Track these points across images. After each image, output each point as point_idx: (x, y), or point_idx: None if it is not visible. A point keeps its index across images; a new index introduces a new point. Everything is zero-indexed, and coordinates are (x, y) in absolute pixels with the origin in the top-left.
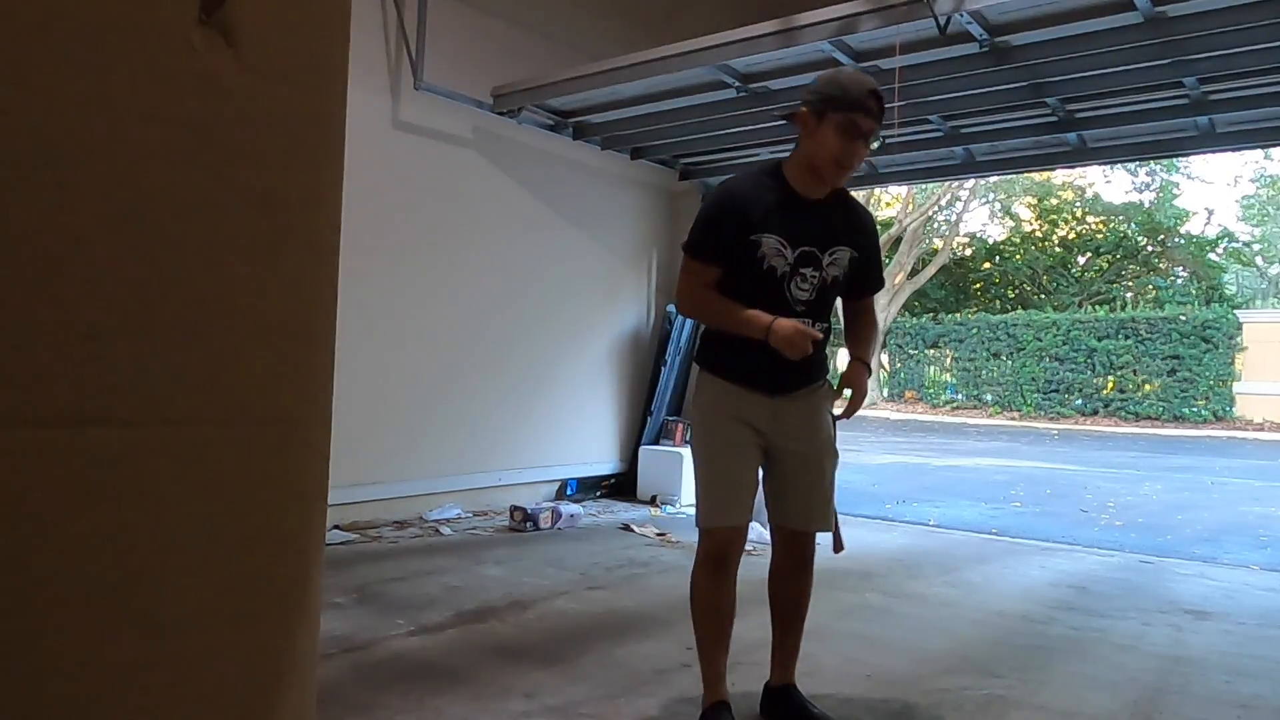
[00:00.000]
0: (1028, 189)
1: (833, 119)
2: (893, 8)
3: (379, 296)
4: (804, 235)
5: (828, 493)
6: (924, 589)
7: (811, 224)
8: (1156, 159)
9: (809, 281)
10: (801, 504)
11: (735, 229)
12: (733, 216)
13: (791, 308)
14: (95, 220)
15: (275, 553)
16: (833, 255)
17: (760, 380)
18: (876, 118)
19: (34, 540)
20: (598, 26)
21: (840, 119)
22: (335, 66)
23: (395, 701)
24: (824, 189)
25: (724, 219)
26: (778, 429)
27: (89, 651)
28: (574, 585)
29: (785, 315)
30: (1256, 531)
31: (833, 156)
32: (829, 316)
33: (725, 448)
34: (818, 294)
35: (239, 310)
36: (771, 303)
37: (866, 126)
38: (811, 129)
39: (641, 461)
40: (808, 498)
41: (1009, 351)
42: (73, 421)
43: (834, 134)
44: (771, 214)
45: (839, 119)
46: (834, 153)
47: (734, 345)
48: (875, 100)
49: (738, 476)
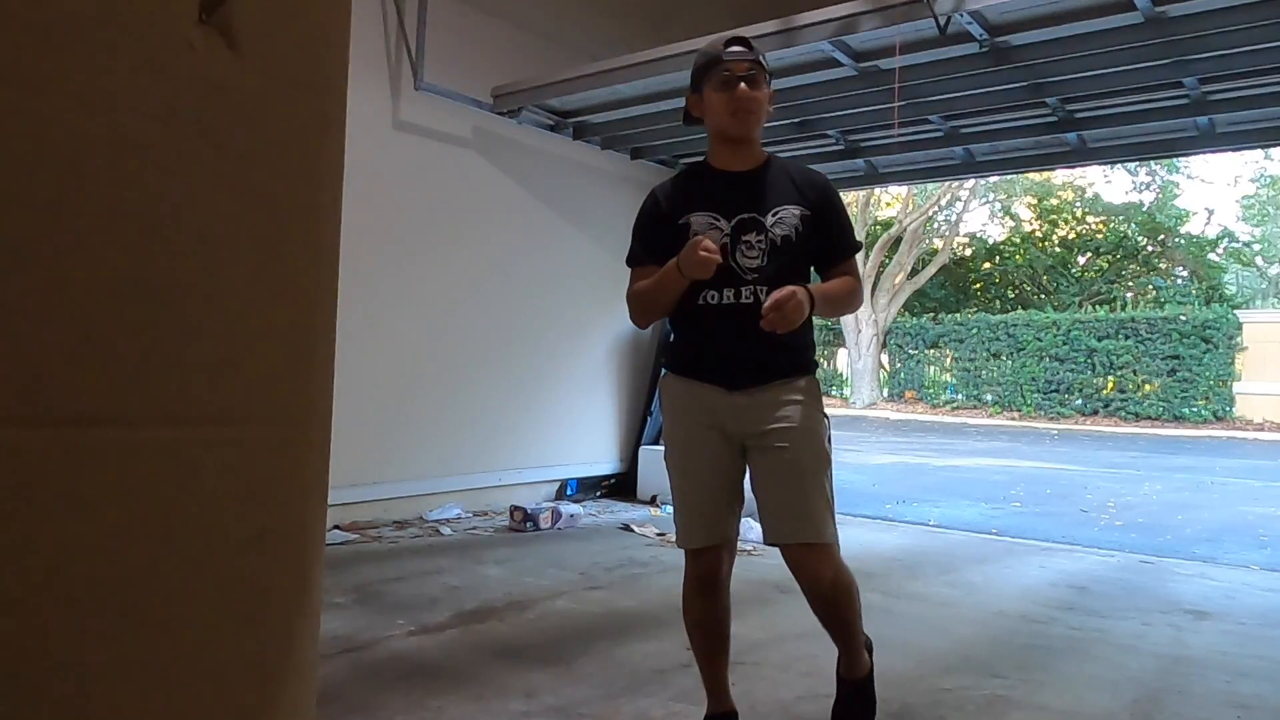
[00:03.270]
0: (1028, 189)
1: (709, 84)
2: (893, 8)
3: (379, 296)
4: (739, 205)
5: (810, 495)
6: (924, 589)
7: (745, 192)
8: (1156, 159)
9: (755, 248)
10: (778, 511)
11: (661, 222)
12: (656, 212)
13: (741, 277)
14: (95, 220)
15: (275, 553)
16: (776, 215)
17: (716, 371)
18: (745, 58)
19: (34, 540)
20: (598, 26)
21: (712, 78)
22: (335, 66)
23: (395, 701)
24: (748, 155)
25: (648, 219)
26: (744, 427)
27: (88, 651)
28: (574, 585)
29: (734, 284)
30: (1256, 531)
31: (725, 110)
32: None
33: (694, 458)
34: (769, 258)
35: (239, 310)
36: (718, 277)
37: (739, 69)
38: (703, 107)
39: (641, 461)
40: (784, 503)
41: (1009, 351)
42: (73, 421)
43: (715, 94)
44: (695, 195)
45: (712, 79)
46: (723, 107)
47: (687, 336)
48: (735, 43)
49: (709, 487)
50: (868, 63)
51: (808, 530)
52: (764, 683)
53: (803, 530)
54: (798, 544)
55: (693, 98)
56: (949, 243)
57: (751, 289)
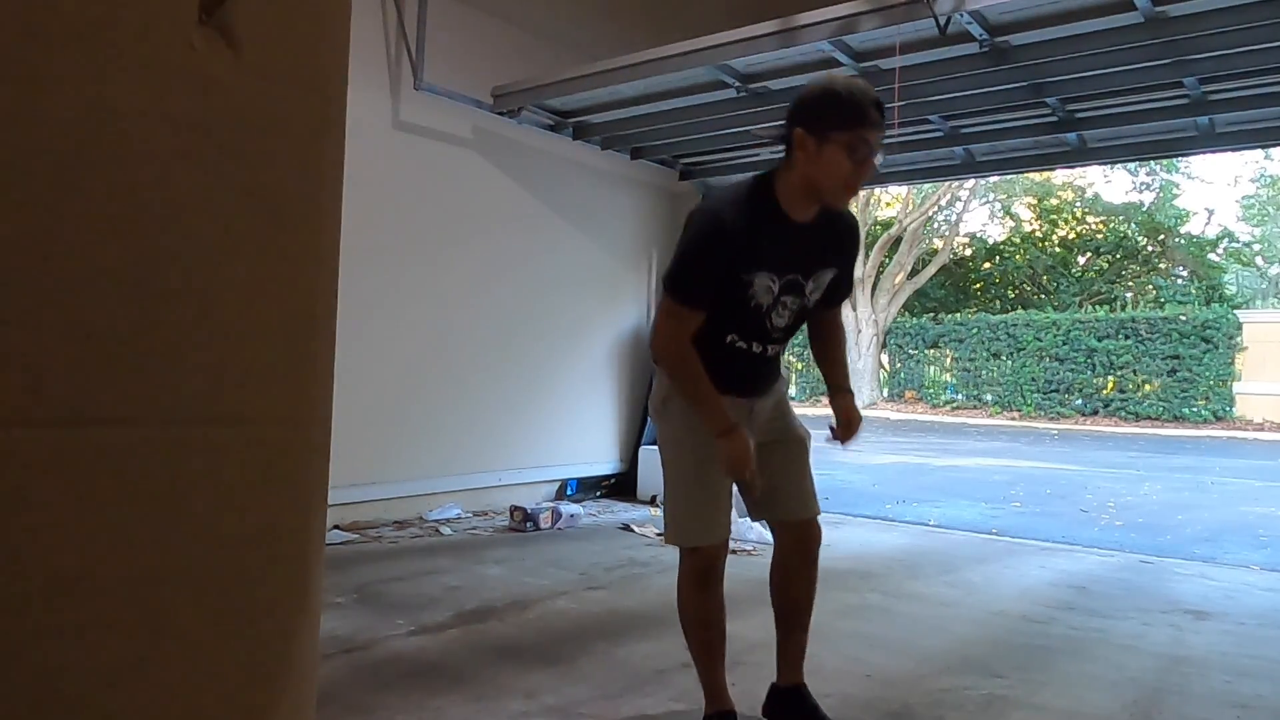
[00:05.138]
0: (1028, 189)
1: (838, 139)
2: (893, 8)
3: (379, 296)
4: (791, 263)
5: (812, 476)
6: (924, 589)
7: (799, 249)
8: (1156, 159)
9: (789, 309)
10: (797, 490)
11: (726, 270)
12: (723, 256)
13: (769, 335)
14: (95, 220)
15: (275, 553)
16: (816, 280)
17: (734, 388)
18: (882, 129)
19: (34, 540)
20: (598, 26)
21: (847, 139)
22: (335, 66)
23: (395, 701)
24: (815, 209)
25: (714, 259)
26: (754, 425)
27: (89, 651)
28: (574, 585)
29: (761, 342)
30: (1256, 531)
31: (843, 181)
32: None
33: (707, 461)
34: (794, 319)
35: (239, 310)
36: (749, 331)
37: (875, 142)
38: (813, 152)
39: (641, 461)
40: (801, 483)
41: (1009, 351)
42: (73, 421)
43: (842, 156)
44: (763, 248)
45: (846, 139)
46: (844, 176)
47: (716, 356)
48: (879, 111)
49: (719, 489)
50: (868, 63)
51: (814, 504)
52: (764, 683)
53: (812, 505)
54: (812, 517)
55: (804, 136)
56: (949, 243)
57: (775, 346)
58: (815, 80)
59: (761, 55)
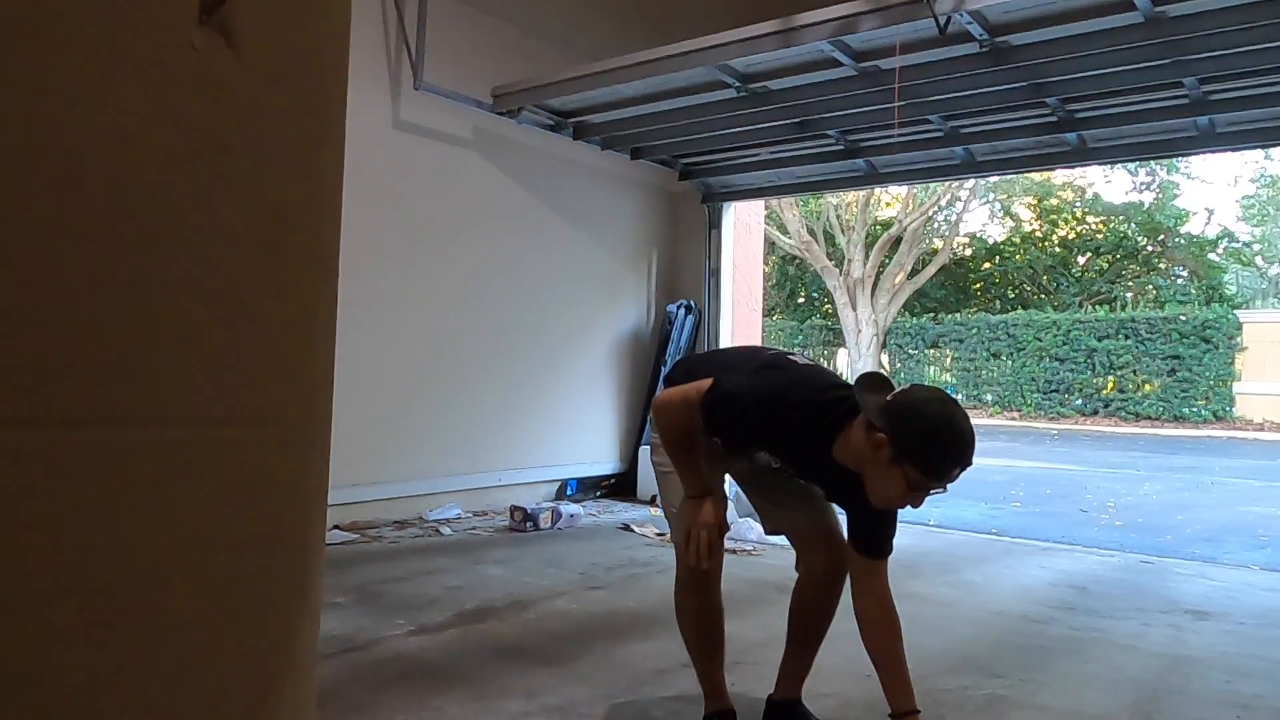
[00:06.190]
0: (1028, 189)
1: (910, 472)
2: (893, 8)
3: (379, 296)
4: (810, 474)
5: None
6: (924, 589)
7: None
8: (1156, 159)
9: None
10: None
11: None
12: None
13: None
14: (95, 220)
15: (275, 552)
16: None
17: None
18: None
19: (34, 540)
20: (598, 26)
21: (917, 477)
22: (335, 67)
23: (395, 701)
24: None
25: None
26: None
27: (89, 651)
28: (574, 585)
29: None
30: (1256, 531)
31: (888, 496)
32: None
33: (707, 462)
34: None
35: (239, 310)
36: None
37: (936, 491)
38: (883, 458)
39: (641, 461)
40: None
41: (1009, 351)
42: (73, 421)
43: (903, 482)
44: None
45: (916, 477)
46: (891, 495)
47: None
48: (959, 472)
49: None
50: (868, 63)
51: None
52: (764, 683)
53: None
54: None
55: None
56: (949, 243)
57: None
58: (935, 408)
59: (761, 55)
